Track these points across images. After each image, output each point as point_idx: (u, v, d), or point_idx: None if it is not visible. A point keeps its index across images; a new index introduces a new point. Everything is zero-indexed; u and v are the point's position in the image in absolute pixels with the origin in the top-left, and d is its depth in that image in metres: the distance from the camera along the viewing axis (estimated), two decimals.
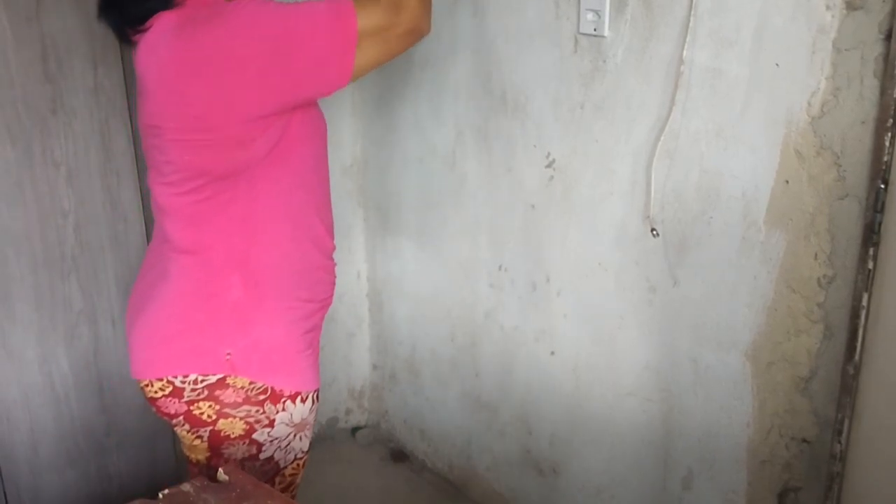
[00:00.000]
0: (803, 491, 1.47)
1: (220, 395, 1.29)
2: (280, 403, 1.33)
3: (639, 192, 1.58)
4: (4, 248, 1.72)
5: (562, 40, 1.64)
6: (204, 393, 1.29)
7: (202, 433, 1.32)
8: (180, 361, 1.28)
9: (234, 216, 1.24)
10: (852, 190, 1.28)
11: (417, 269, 2.20)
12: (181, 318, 1.29)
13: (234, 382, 1.29)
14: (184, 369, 1.28)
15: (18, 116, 1.67)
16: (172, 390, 1.29)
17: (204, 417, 1.31)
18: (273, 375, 1.31)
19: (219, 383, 1.29)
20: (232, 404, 1.30)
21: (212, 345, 1.28)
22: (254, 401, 1.31)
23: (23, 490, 1.86)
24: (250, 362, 1.29)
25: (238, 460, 1.34)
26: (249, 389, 1.30)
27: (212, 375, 1.28)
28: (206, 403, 1.30)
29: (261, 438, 1.34)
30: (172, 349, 1.29)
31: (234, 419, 1.31)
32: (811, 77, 1.29)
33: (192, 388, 1.29)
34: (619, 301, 1.68)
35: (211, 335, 1.28)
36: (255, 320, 1.29)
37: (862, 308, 1.29)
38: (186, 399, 1.30)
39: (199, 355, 1.28)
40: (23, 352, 1.79)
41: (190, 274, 1.28)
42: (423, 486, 2.32)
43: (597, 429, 1.81)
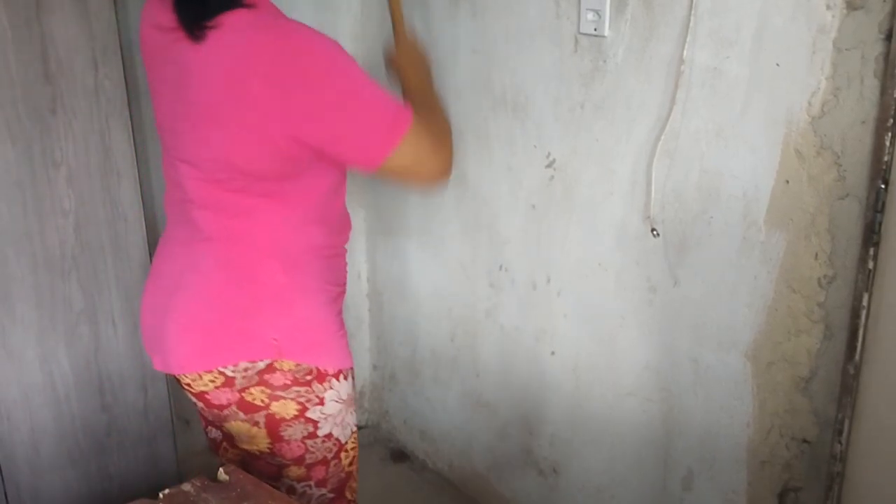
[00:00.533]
0: (804, 491, 1.47)
1: (269, 379, 1.32)
2: (326, 382, 1.36)
3: (639, 192, 1.58)
4: (4, 248, 1.72)
5: (562, 40, 1.64)
6: (255, 379, 1.31)
7: (258, 418, 1.35)
8: (229, 350, 1.30)
9: (274, 212, 1.29)
10: (852, 190, 1.28)
11: (418, 269, 2.20)
12: (225, 306, 1.30)
13: (281, 366, 1.32)
14: (234, 358, 1.29)
15: (18, 116, 1.67)
16: (224, 381, 1.31)
17: (257, 402, 1.33)
18: (316, 356, 1.35)
19: (267, 368, 1.31)
20: (282, 387, 1.33)
21: (258, 331, 1.30)
22: (301, 382, 1.34)
23: (23, 490, 1.86)
24: (295, 345, 1.32)
25: (300, 439, 1.37)
26: (296, 371, 1.33)
27: (260, 361, 1.30)
28: (258, 389, 1.32)
29: (314, 416, 1.37)
30: (219, 338, 1.30)
31: (286, 400, 1.34)
32: (811, 77, 1.29)
33: (243, 375, 1.31)
34: (620, 301, 1.68)
35: (257, 321, 1.30)
36: (297, 304, 1.33)
37: (862, 308, 1.29)
38: (238, 387, 1.32)
39: (247, 342, 1.30)
40: (23, 351, 1.79)
41: (230, 263, 1.30)
42: (424, 486, 2.32)
43: (597, 429, 1.81)
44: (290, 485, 1.42)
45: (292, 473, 1.41)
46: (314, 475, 1.42)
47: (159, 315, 1.35)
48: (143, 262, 1.88)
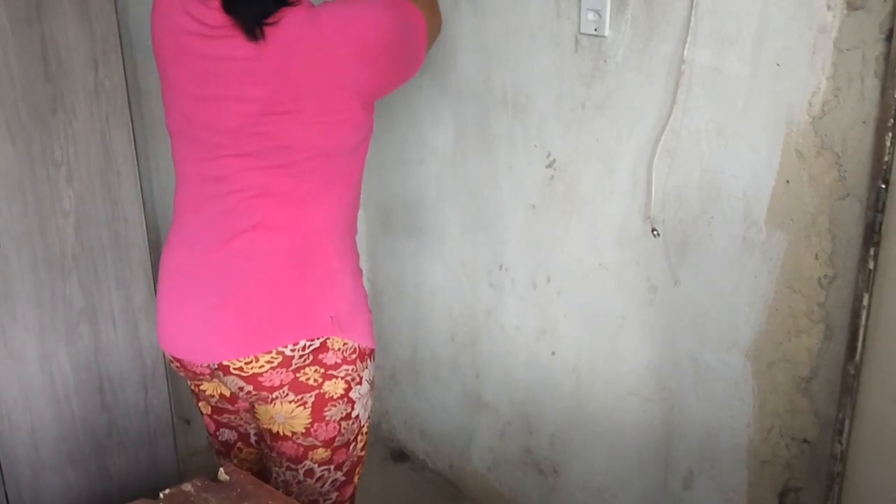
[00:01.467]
0: (804, 491, 1.47)
1: (322, 358, 1.37)
2: (365, 361, 1.43)
3: (639, 192, 1.58)
4: (5, 248, 1.72)
5: (562, 40, 1.64)
6: (310, 358, 1.35)
7: (307, 398, 1.38)
8: (290, 330, 1.34)
9: (331, 190, 1.36)
10: (853, 190, 1.28)
11: (418, 268, 2.20)
12: (287, 289, 1.34)
13: (332, 344, 1.37)
14: (294, 337, 1.33)
15: (19, 116, 1.67)
16: (282, 360, 1.34)
17: (310, 382, 1.37)
18: (360, 334, 1.42)
19: (322, 347, 1.36)
20: (333, 366, 1.38)
21: (318, 309, 1.35)
22: (349, 360, 1.39)
23: (23, 490, 1.86)
24: (348, 322, 1.38)
25: (337, 420, 1.41)
26: (344, 350, 1.38)
27: (316, 339, 1.35)
28: (312, 368, 1.36)
29: (354, 396, 1.43)
30: (282, 319, 1.34)
31: (337, 379, 1.39)
32: (812, 77, 1.29)
33: (301, 354, 1.34)
34: (620, 301, 1.68)
35: (317, 300, 1.36)
36: (347, 283, 1.41)
37: (863, 308, 1.29)
38: (294, 367, 1.35)
39: (307, 321, 1.35)
40: (23, 351, 1.79)
41: (289, 248, 1.34)
42: (424, 486, 2.32)
43: (597, 428, 1.81)
44: (311, 468, 1.45)
45: (317, 456, 1.44)
46: (336, 458, 1.46)
47: (209, 311, 1.35)
48: (143, 262, 1.88)
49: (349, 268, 1.43)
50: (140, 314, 1.89)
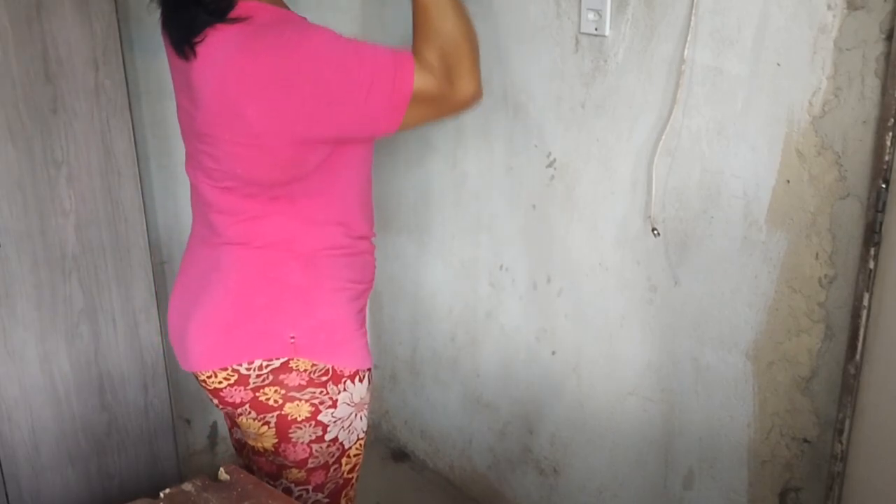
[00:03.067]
0: (804, 491, 1.47)
1: (284, 379, 1.32)
2: (341, 384, 1.36)
3: (640, 192, 1.58)
4: (5, 248, 1.72)
5: (563, 40, 1.64)
6: (269, 378, 1.31)
7: (269, 419, 1.35)
8: (245, 348, 1.30)
9: (289, 214, 1.29)
10: (853, 189, 1.28)
11: (418, 269, 2.20)
12: (244, 305, 1.31)
13: (296, 365, 1.32)
14: (248, 356, 1.30)
15: (19, 116, 1.67)
16: (237, 378, 1.31)
17: (270, 403, 1.33)
18: (334, 355, 1.34)
19: (282, 367, 1.31)
20: (296, 387, 1.33)
21: (276, 329, 1.30)
22: (316, 382, 1.34)
23: (24, 489, 1.86)
24: (314, 343, 1.32)
25: (306, 443, 1.37)
26: (312, 371, 1.33)
27: (276, 360, 1.31)
28: (272, 388, 1.32)
29: (325, 419, 1.37)
30: (236, 337, 1.31)
31: (300, 402, 1.34)
32: (812, 76, 1.29)
33: (258, 374, 1.31)
34: (620, 300, 1.68)
35: (274, 319, 1.31)
36: (316, 302, 1.33)
37: (863, 308, 1.29)
38: (252, 386, 1.32)
39: (264, 340, 1.30)
40: (23, 351, 1.79)
41: (248, 263, 1.31)
42: (424, 486, 2.31)
43: (598, 428, 1.81)
44: (288, 486, 1.42)
45: (291, 476, 1.41)
46: (312, 479, 1.42)
47: (184, 316, 1.36)
48: (143, 262, 1.88)
49: (321, 286, 1.33)
50: (140, 314, 1.89)
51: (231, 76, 1.16)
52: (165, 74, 1.97)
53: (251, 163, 1.22)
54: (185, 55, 1.21)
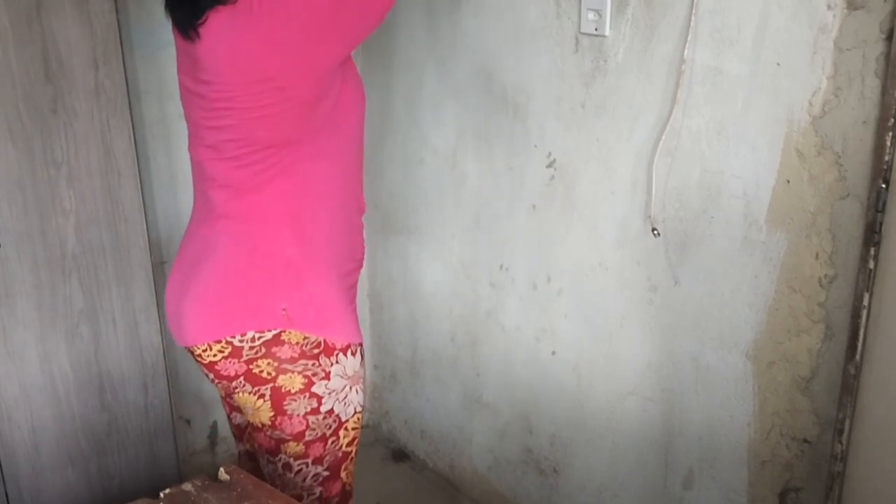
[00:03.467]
0: (804, 491, 1.47)
1: (276, 351, 1.34)
2: (333, 356, 1.39)
3: (640, 192, 1.58)
4: (5, 248, 1.72)
5: (563, 40, 1.64)
6: (262, 350, 1.34)
7: (264, 391, 1.37)
8: (238, 320, 1.33)
9: (292, 179, 1.32)
10: (853, 189, 1.28)
11: (418, 268, 2.20)
12: (237, 278, 1.34)
13: (288, 338, 1.34)
14: (241, 328, 1.33)
15: (19, 116, 1.67)
16: (231, 350, 1.34)
17: (264, 375, 1.36)
18: (325, 328, 1.37)
19: (275, 339, 1.33)
20: (289, 359, 1.35)
21: (268, 301, 1.33)
22: (308, 355, 1.36)
23: (24, 489, 1.86)
24: (305, 316, 1.35)
25: (302, 415, 1.39)
26: (304, 344, 1.35)
27: (268, 332, 1.33)
28: (265, 361, 1.35)
29: (320, 391, 1.39)
30: (229, 309, 1.34)
31: (293, 374, 1.36)
32: (812, 76, 1.29)
33: (251, 346, 1.33)
34: (620, 300, 1.68)
35: (267, 291, 1.33)
36: (308, 275, 1.36)
37: (863, 308, 1.29)
38: (245, 358, 1.34)
39: (256, 312, 1.33)
40: (24, 351, 1.79)
41: (244, 237, 1.34)
42: (424, 486, 2.31)
43: (598, 428, 1.81)
44: (287, 461, 1.44)
45: (290, 450, 1.43)
46: (311, 452, 1.44)
47: (179, 295, 1.39)
48: (143, 262, 1.88)
49: (314, 259, 1.37)
50: (140, 314, 1.89)
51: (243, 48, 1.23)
52: (165, 74, 1.98)
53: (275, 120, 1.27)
54: (190, 37, 1.26)
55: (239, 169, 1.32)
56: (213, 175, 1.35)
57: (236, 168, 1.32)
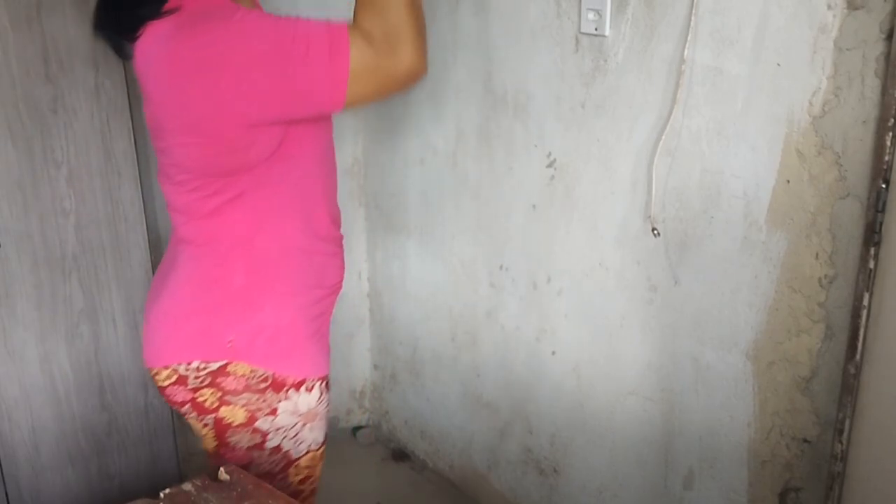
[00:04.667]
0: (804, 491, 1.47)
1: (221, 382, 1.30)
2: (282, 392, 1.32)
3: (640, 192, 1.58)
4: (5, 248, 1.72)
5: (563, 40, 1.64)
6: (206, 380, 1.30)
7: (207, 420, 1.34)
8: (184, 348, 1.30)
9: (240, 208, 1.26)
10: (853, 189, 1.28)
11: (418, 268, 2.20)
12: (186, 305, 1.31)
13: (234, 370, 1.30)
14: (187, 356, 1.30)
15: (19, 116, 1.67)
16: (177, 378, 1.31)
17: (207, 405, 1.32)
18: (276, 362, 1.31)
19: (220, 370, 1.30)
20: (233, 391, 1.31)
21: (215, 331, 1.29)
22: (254, 389, 1.31)
23: (24, 489, 1.86)
24: (253, 348, 1.30)
25: (245, 448, 1.35)
26: (250, 377, 1.30)
27: (213, 362, 1.29)
28: (209, 390, 1.31)
29: (264, 427, 1.34)
30: (178, 337, 1.31)
31: (235, 406, 1.32)
32: (812, 76, 1.29)
33: (196, 375, 1.30)
34: (620, 300, 1.68)
35: (214, 321, 1.30)
36: (260, 306, 1.30)
37: (863, 308, 1.29)
38: (191, 386, 1.31)
39: (202, 342, 1.29)
40: (24, 351, 1.79)
41: (196, 263, 1.30)
42: (424, 486, 2.31)
43: (598, 428, 1.81)
44: None
45: None
46: None
47: (145, 315, 1.38)
48: (143, 261, 1.88)
49: (267, 290, 1.30)
50: (140, 314, 1.89)
51: (168, 66, 1.16)
52: None
53: (200, 151, 1.21)
54: (124, 55, 1.21)
55: (187, 194, 1.27)
56: (168, 199, 1.31)
57: (183, 193, 1.27)
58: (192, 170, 1.24)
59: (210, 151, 1.21)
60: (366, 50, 1.14)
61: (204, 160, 1.22)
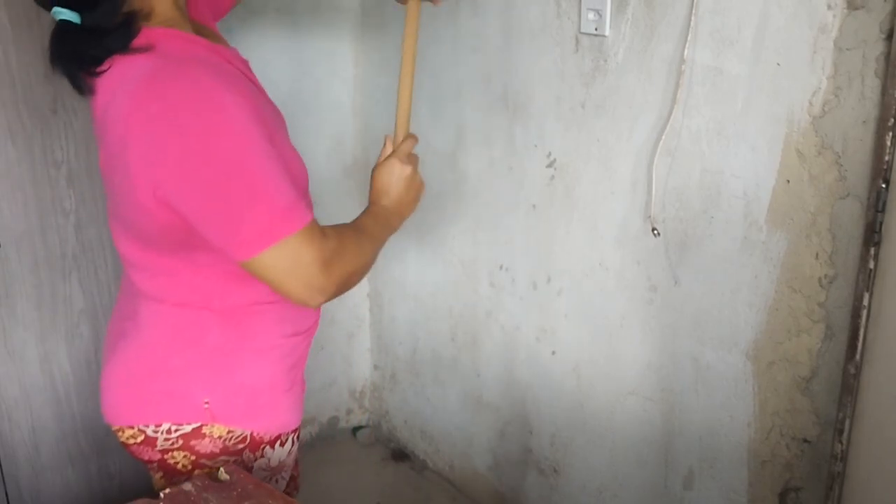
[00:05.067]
0: (804, 491, 1.47)
1: (195, 444, 1.21)
2: (259, 450, 1.25)
3: (640, 192, 1.58)
4: (5, 248, 1.72)
5: (563, 40, 1.64)
6: (178, 442, 1.21)
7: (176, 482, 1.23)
8: (153, 409, 1.20)
9: (204, 268, 1.15)
10: (853, 189, 1.28)
11: (418, 268, 2.20)
12: (156, 365, 1.20)
13: (210, 431, 1.21)
14: (156, 418, 1.20)
15: (19, 116, 1.67)
16: (144, 439, 1.22)
17: (179, 467, 1.24)
18: (255, 421, 1.23)
19: (194, 433, 1.21)
20: (208, 455, 1.23)
21: (188, 392, 1.20)
22: (231, 450, 1.23)
23: (24, 489, 1.86)
24: (232, 409, 1.21)
25: None
26: (227, 438, 1.22)
27: (187, 425, 1.20)
28: (181, 453, 1.22)
29: None
30: (144, 395, 1.21)
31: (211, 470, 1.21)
32: (812, 76, 1.29)
33: (166, 437, 1.21)
34: (620, 300, 1.68)
35: (187, 381, 1.20)
36: (237, 364, 1.21)
37: (863, 308, 1.29)
38: (160, 448, 1.22)
39: (174, 403, 1.20)
40: (24, 351, 1.79)
41: (164, 320, 1.19)
42: (424, 486, 2.31)
43: (598, 428, 1.81)
44: None
45: None
46: None
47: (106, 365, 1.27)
48: None
49: (242, 347, 1.20)
50: None
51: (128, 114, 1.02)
52: None
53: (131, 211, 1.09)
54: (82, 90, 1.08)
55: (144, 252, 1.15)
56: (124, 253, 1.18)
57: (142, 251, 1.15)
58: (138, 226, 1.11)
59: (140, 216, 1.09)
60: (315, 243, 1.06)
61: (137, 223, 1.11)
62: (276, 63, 2.08)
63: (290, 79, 2.11)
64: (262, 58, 2.06)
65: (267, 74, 2.05)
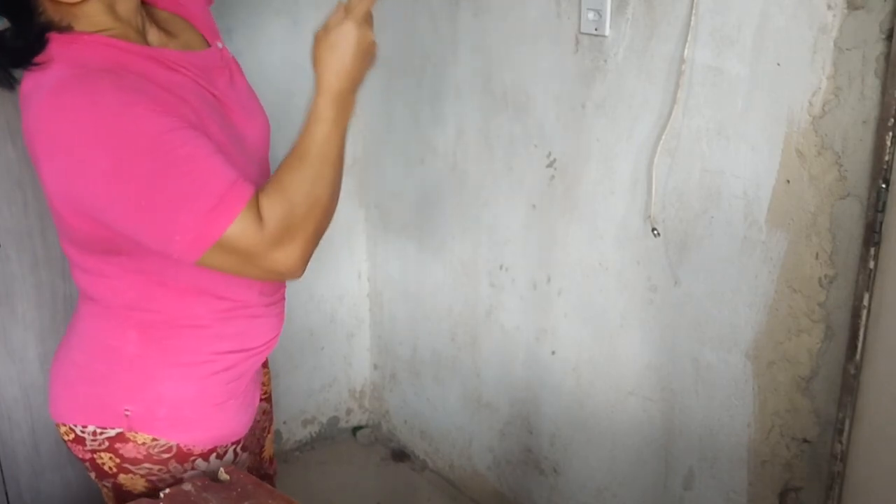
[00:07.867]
0: (804, 491, 1.47)
1: (120, 448, 1.19)
2: (188, 462, 1.21)
3: (640, 192, 1.58)
4: (5, 248, 1.72)
5: (563, 40, 1.64)
6: (104, 444, 1.19)
7: (106, 484, 1.24)
8: (79, 411, 1.19)
9: (130, 269, 1.10)
10: (854, 189, 1.28)
11: (418, 268, 2.20)
12: (82, 366, 1.20)
13: (134, 437, 1.18)
14: (82, 419, 1.19)
15: (19, 116, 1.67)
16: (75, 437, 1.21)
17: (105, 468, 1.22)
18: (180, 432, 1.19)
19: (119, 437, 1.18)
20: (132, 460, 1.19)
21: (110, 398, 1.17)
22: (156, 459, 1.19)
23: (24, 489, 1.86)
24: (153, 419, 1.17)
25: None
26: (152, 447, 1.18)
27: (110, 429, 1.18)
28: (107, 455, 1.20)
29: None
30: (72, 396, 1.20)
31: (135, 476, 1.21)
32: (812, 76, 1.29)
33: (92, 438, 1.19)
34: (620, 300, 1.68)
35: (109, 388, 1.17)
36: (158, 377, 1.17)
37: (863, 308, 1.29)
38: (89, 448, 1.21)
39: (97, 407, 1.18)
40: (24, 351, 1.79)
41: (92, 321, 1.19)
42: (424, 486, 2.31)
43: (598, 428, 1.81)
44: None
45: None
46: None
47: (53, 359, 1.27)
48: None
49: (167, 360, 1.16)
50: None
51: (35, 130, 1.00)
52: None
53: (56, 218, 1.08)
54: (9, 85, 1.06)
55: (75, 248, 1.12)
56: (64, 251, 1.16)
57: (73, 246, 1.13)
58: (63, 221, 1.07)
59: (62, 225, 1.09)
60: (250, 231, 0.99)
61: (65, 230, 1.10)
62: (275, 63, 2.09)
63: (290, 79, 2.11)
64: (261, 58, 2.07)
65: (267, 74, 2.05)
